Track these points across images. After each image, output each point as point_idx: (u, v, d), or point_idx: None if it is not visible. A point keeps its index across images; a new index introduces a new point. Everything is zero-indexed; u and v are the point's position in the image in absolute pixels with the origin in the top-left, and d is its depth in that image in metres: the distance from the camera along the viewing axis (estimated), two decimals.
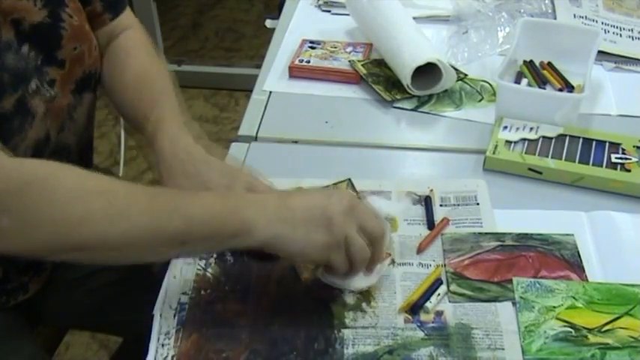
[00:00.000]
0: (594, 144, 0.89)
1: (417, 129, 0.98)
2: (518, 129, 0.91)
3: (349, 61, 1.06)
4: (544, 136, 0.89)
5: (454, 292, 0.71)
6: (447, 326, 0.68)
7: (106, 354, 1.62)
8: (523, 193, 0.85)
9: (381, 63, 1.06)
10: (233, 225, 0.62)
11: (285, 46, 1.14)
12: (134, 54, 0.88)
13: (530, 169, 0.86)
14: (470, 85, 1.04)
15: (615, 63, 1.08)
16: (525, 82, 1.01)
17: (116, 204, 0.61)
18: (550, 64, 1.04)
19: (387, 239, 0.71)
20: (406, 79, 0.98)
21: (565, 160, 0.86)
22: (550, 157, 0.87)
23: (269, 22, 1.29)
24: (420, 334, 0.68)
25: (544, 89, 1.00)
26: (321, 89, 1.03)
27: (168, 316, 0.70)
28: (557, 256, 0.75)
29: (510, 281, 0.72)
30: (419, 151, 0.93)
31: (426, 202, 0.82)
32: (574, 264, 0.74)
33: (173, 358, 0.66)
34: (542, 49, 1.05)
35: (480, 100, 1.01)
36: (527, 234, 0.77)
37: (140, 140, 2.25)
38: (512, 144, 0.89)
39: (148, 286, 0.75)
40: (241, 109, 1.99)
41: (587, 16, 1.16)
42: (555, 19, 1.15)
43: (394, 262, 0.75)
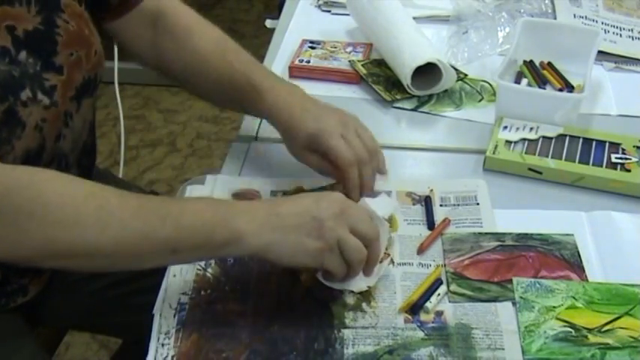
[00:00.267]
0: (594, 144, 0.89)
1: (417, 129, 0.98)
2: (518, 129, 0.91)
3: (349, 61, 1.06)
4: (544, 136, 0.89)
5: (454, 292, 0.71)
6: (447, 326, 0.68)
7: (106, 354, 1.62)
8: (523, 193, 0.85)
9: (381, 63, 1.06)
10: (222, 234, 0.62)
11: (285, 46, 1.14)
12: (198, 31, 0.87)
13: (530, 169, 0.86)
14: (470, 85, 1.04)
15: (615, 63, 1.08)
16: (525, 82, 1.01)
17: (108, 208, 0.61)
18: (550, 64, 1.04)
19: (385, 239, 0.71)
20: (406, 79, 0.98)
21: (565, 160, 0.86)
22: (550, 157, 0.87)
23: (269, 22, 1.29)
24: (420, 334, 0.68)
25: (544, 89, 0.99)
26: (321, 89, 1.03)
27: (168, 316, 0.70)
28: (557, 256, 0.75)
29: (510, 281, 0.72)
30: (419, 151, 0.93)
31: (426, 202, 0.82)
32: (574, 264, 0.74)
33: (173, 358, 0.66)
34: (542, 49, 1.05)
35: (480, 100, 1.01)
36: (527, 234, 0.77)
37: (140, 140, 2.26)
38: (512, 144, 0.89)
39: (147, 288, 0.75)
40: None
41: (587, 16, 1.16)
42: (555, 19, 1.15)
43: (394, 262, 0.75)
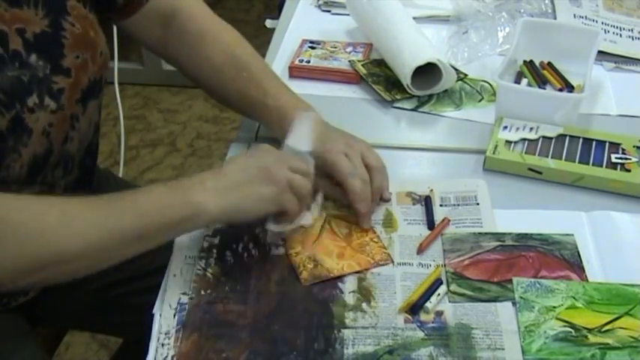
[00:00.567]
0: (594, 144, 0.89)
1: (417, 129, 0.98)
2: (518, 129, 0.91)
3: (349, 61, 1.06)
4: (544, 136, 0.89)
5: (454, 292, 0.71)
6: (447, 326, 0.68)
7: (106, 354, 1.62)
8: (523, 193, 0.85)
9: (381, 63, 1.06)
10: (181, 210, 0.66)
11: (285, 46, 1.14)
12: (210, 37, 0.91)
13: (530, 169, 0.86)
14: (470, 85, 1.04)
15: (615, 63, 1.08)
16: (525, 82, 1.01)
17: (70, 212, 0.63)
18: (550, 64, 1.04)
19: (313, 170, 0.75)
20: (406, 79, 0.98)
21: (565, 160, 0.86)
22: (550, 157, 0.87)
23: (269, 22, 1.29)
24: (420, 334, 0.68)
25: (544, 89, 0.99)
26: (321, 89, 1.03)
27: (168, 316, 0.70)
28: (557, 256, 0.75)
29: (510, 281, 0.72)
30: (419, 151, 0.93)
31: (426, 202, 0.82)
32: (574, 264, 0.74)
33: (173, 357, 0.66)
34: (542, 49, 1.05)
35: (480, 100, 1.01)
36: (527, 234, 0.77)
37: (140, 140, 2.26)
38: (512, 144, 0.89)
39: (147, 288, 0.75)
40: None
41: (587, 16, 1.16)
42: (555, 19, 1.15)
43: (394, 262, 0.75)
